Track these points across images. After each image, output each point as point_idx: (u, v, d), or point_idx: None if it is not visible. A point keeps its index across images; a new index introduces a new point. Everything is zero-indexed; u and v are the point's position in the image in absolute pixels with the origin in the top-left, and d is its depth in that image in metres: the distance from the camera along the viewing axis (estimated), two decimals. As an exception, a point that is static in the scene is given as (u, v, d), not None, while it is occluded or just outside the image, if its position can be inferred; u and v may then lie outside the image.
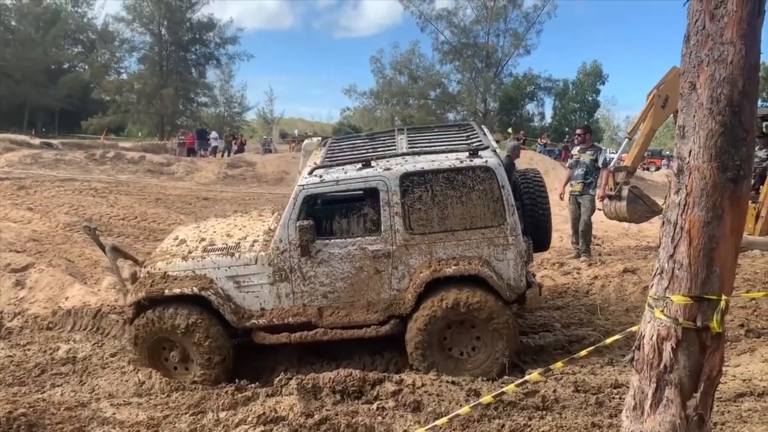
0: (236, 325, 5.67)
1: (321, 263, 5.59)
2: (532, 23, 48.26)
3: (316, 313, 5.66)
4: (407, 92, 51.15)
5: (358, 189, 5.61)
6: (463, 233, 5.46)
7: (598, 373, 5.36)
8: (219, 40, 50.22)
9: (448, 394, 4.84)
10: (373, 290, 5.62)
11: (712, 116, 2.06)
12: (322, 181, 5.59)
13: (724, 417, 4.22)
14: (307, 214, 5.55)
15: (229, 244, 5.91)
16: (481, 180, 5.39)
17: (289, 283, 5.66)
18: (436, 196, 5.45)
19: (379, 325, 5.60)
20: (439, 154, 5.64)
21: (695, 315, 2.14)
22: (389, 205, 5.49)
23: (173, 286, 5.66)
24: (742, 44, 2.04)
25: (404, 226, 5.49)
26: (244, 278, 5.70)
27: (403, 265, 5.54)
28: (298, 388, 4.91)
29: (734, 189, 2.08)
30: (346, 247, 5.57)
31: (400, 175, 5.47)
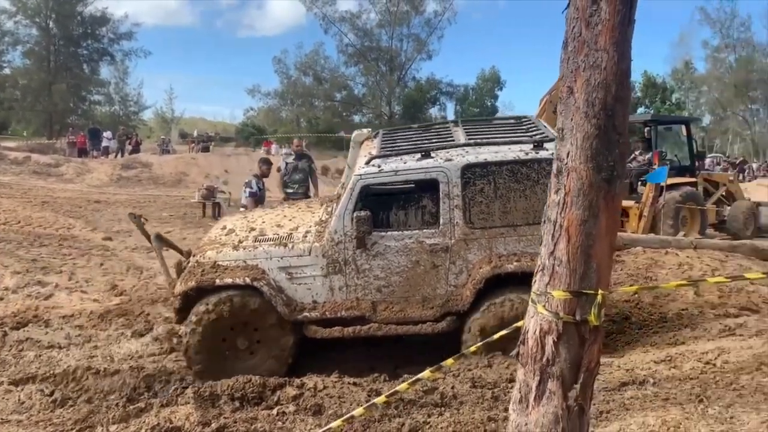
0: (288, 317, 5.50)
1: (376, 256, 5.44)
2: (434, 29, 49.50)
3: (370, 307, 5.51)
4: (312, 93, 50.94)
5: (418, 180, 5.51)
6: (525, 228, 5.28)
7: (494, 367, 5.52)
8: (113, 36, 48.00)
9: (349, 396, 4.83)
10: (429, 285, 5.47)
11: (587, 119, 2.17)
12: (381, 171, 5.44)
13: (609, 405, 4.44)
14: (363, 205, 5.40)
15: (281, 235, 5.73)
16: (547, 173, 5.10)
17: (343, 275, 5.51)
18: (499, 189, 5.29)
19: (435, 322, 5.45)
20: (501, 146, 5.46)
21: (574, 309, 2.24)
22: (449, 197, 5.34)
23: (224, 275, 5.49)
24: (614, 51, 2.16)
25: (464, 219, 5.35)
26: (296, 269, 5.56)
27: (461, 260, 5.38)
28: (195, 397, 4.75)
29: (608, 189, 2.20)
30: (403, 240, 5.43)
31: (462, 167, 5.31)
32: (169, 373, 5.87)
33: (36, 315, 7.33)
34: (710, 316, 6.63)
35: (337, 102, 51.79)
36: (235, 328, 5.58)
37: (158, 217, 15.15)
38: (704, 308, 6.89)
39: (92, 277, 9.13)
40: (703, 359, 5.18)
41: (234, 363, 5.60)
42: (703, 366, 5.07)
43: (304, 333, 5.66)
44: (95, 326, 7.17)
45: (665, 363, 5.21)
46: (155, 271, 9.51)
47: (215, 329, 5.50)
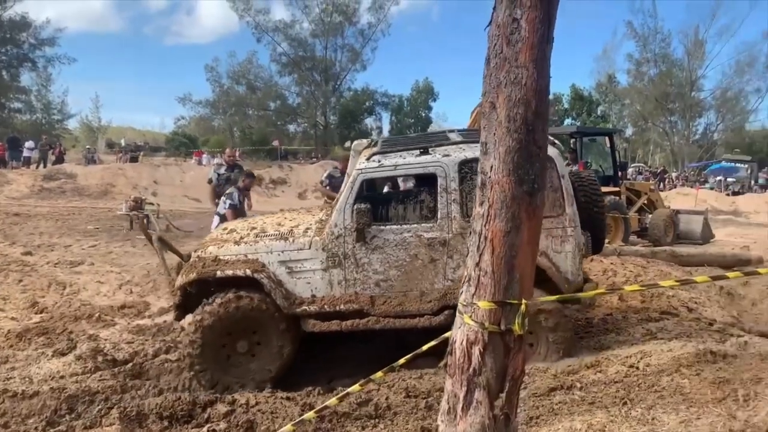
0: (287, 311, 5.50)
1: (375, 250, 5.50)
2: (368, 39, 49.78)
3: (369, 301, 5.53)
4: (245, 102, 50.20)
5: (417, 175, 5.66)
6: None
7: (428, 377, 5.56)
8: (34, 41, 45.91)
9: (282, 411, 4.75)
10: (428, 279, 5.51)
11: (509, 134, 2.23)
12: (381, 165, 5.56)
13: (538, 411, 4.54)
14: (364, 199, 5.49)
15: (282, 231, 5.81)
16: None
17: (342, 269, 5.56)
18: None
19: (433, 316, 5.46)
20: None
21: (500, 319, 2.28)
22: (447, 191, 5.43)
23: (225, 268, 5.54)
24: (534, 68, 2.23)
25: (461, 213, 5.42)
26: (296, 263, 5.61)
27: (458, 254, 5.41)
28: (121, 417, 4.57)
29: (530, 201, 2.26)
30: (402, 233, 5.51)
31: (459, 162, 5.42)
32: (93, 393, 5.61)
33: (-51, 335, 6.89)
34: (633, 320, 6.88)
35: (270, 111, 51.25)
36: (235, 330, 5.58)
37: (83, 230, 14.56)
38: (628, 313, 7.16)
39: (10, 294, 8.67)
40: (627, 363, 5.36)
41: (234, 365, 5.61)
42: (627, 369, 5.24)
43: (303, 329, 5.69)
44: (12, 346, 6.80)
45: (592, 368, 5.37)
46: (79, 286, 9.13)
47: (216, 330, 5.50)
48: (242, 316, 5.50)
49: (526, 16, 2.19)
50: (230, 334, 5.59)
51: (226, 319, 5.48)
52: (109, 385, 5.63)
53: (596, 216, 6.00)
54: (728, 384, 4.50)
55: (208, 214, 19.33)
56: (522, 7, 2.18)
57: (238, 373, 5.61)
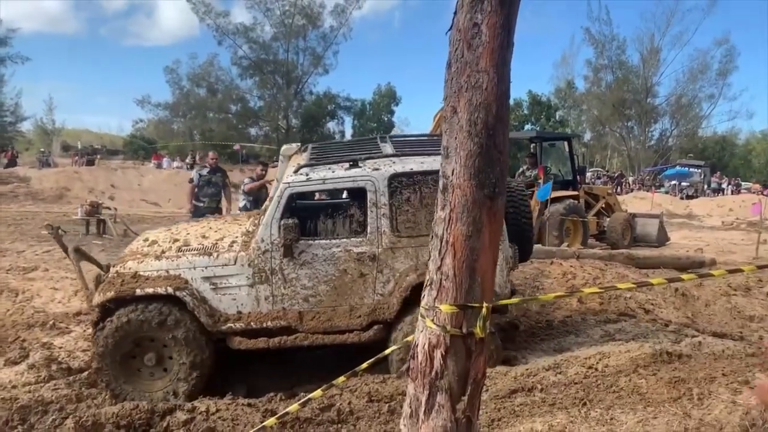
0: (211, 328, 5.38)
1: (303, 265, 5.40)
2: (330, 43, 49.72)
3: (297, 317, 5.44)
4: (206, 105, 49.55)
5: (345, 188, 5.48)
6: None
7: (390, 381, 5.56)
8: (-15, 41, 44.61)
9: (243, 417, 4.69)
10: (357, 294, 5.44)
11: (470, 138, 2.24)
12: (309, 179, 5.44)
13: (500, 413, 4.58)
14: (291, 213, 5.38)
15: (206, 245, 5.62)
16: None
17: (270, 285, 5.43)
18: (425, 198, 5.34)
19: (362, 331, 5.42)
20: (428, 156, 5.52)
21: (461, 322, 2.29)
22: (376, 206, 5.37)
23: (145, 285, 5.35)
24: (494, 73, 2.24)
25: (391, 228, 5.38)
26: (221, 279, 5.44)
27: (388, 269, 5.40)
28: (76, 427, 4.45)
29: (491, 205, 2.28)
30: (330, 248, 5.42)
31: (389, 176, 5.37)
32: (47, 403, 5.44)
33: None
34: (592, 322, 7.02)
35: (231, 115, 50.71)
36: (143, 343, 5.43)
37: (36, 235, 14.15)
38: (587, 315, 7.30)
39: (-41, 303, 8.36)
40: (587, 364, 5.46)
41: (144, 380, 5.48)
42: (587, 371, 5.34)
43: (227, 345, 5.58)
44: (-38, 356, 6.56)
45: (552, 369, 5.44)
46: (33, 293, 8.86)
47: (122, 344, 5.36)
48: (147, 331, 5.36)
49: (487, 20, 2.21)
50: (138, 347, 5.45)
51: (132, 333, 5.34)
52: (64, 394, 5.50)
53: (524, 226, 6.02)
54: (683, 383, 4.62)
55: (167, 218, 19.02)
56: (483, 12, 2.19)
57: (147, 387, 5.49)
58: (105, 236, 14.65)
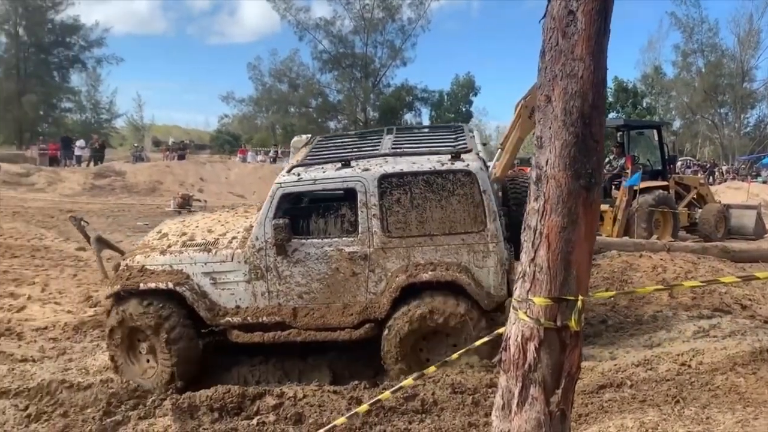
0: (210, 322, 5.61)
1: (297, 263, 5.49)
2: (408, 35, 49.65)
3: (291, 313, 5.54)
4: (288, 100, 50.71)
5: (336, 189, 5.53)
6: (442, 238, 5.33)
7: (474, 373, 5.54)
8: (84, 43, 47.30)
9: (329, 404, 4.81)
10: (350, 292, 5.50)
11: (565, 127, 2.20)
12: (300, 179, 5.51)
13: (588, 408, 4.50)
14: (284, 213, 5.47)
15: (208, 240, 5.81)
16: (462, 184, 5.26)
17: (265, 282, 5.55)
18: (415, 199, 5.33)
19: (354, 329, 5.47)
20: (420, 156, 5.53)
21: (555, 315, 2.26)
22: (367, 206, 5.38)
23: (149, 280, 5.58)
24: (591, 60, 2.19)
25: (382, 228, 5.38)
26: (220, 275, 5.62)
27: (379, 268, 5.42)
28: (173, 408, 4.70)
29: (587, 196, 2.23)
30: (323, 247, 5.48)
31: (379, 177, 5.36)
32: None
33: (8, 328, 7.17)
34: (684, 317, 6.74)
35: (311, 109, 51.66)
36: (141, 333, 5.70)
37: (132, 226, 14.96)
38: (678, 310, 7.01)
39: (66, 288, 8.96)
40: (679, 361, 5.27)
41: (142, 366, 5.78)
42: (679, 367, 5.15)
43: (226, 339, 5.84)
44: (69, 338, 7.05)
45: (642, 365, 5.28)
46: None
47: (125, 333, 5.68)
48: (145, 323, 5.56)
49: (583, 7, 2.16)
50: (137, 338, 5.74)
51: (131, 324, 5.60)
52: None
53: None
54: (788, 384, 4.37)
55: (252, 210, 19.59)
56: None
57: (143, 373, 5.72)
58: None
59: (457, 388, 5.02)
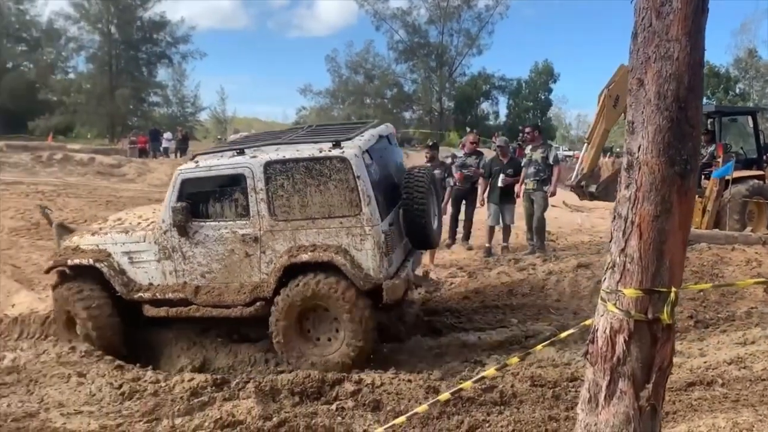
0: (125, 296, 6.14)
1: (198, 244, 5.92)
2: (485, 23, 48.93)
3: (194, 291, 5.99)
4: (363, 91, 51.17)
5: (230, 175, 5.86)
6: (322, 221, 5.64)
7: (554, 367, 5.43)
8: (170, 39, 49.22)
9: (407, 393, 4.84)
10: (245, 273, 5.88)
11: (659, 112, 2.10)
12: (197, 166, 5.96)
13: (676, 406, 4.33)
14: (186, 197, 5.86)
15: (130, 223, 6.46)
16: (338, 170, 5.52)
17: (172, 261, 6.04)
18: (297, 184, 5.63)
19: (246, 306, 6.01)
20: (304, 144, 5.87)
21: (646, 307, 2.18)
22: (255, 191, 5.71)
23: (75, 256, 6.24)
24: (687, 41, 2.09)
25: (269, 212, 5.71)
26: (136, 254, 6.16)
27: (270, 250, 5.77)
28: (256, 391, 4.85)
29: (682, 183, 2.13)
30: (220, 230, 5.88)
31: (264, 163, 5.68)
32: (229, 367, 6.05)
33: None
34: (782, 314, 6.35)
35: (386, 99, 51.86)
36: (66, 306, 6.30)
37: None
38: (775, 306, 6.61)
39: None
40: (777, 360, 4.97)
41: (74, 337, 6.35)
42: (777, 367, 4.86)
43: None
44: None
45: (735, 363, 5.02)
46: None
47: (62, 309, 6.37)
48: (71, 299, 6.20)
49: (679, -15, 2.05)
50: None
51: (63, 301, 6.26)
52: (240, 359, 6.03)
53: (415, 213, 5.96)
54: None
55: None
56: (673, -23, 2.04)
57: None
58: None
59: (537, 381, 4.94)
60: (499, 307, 7.31)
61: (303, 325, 5.78)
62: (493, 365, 5.47)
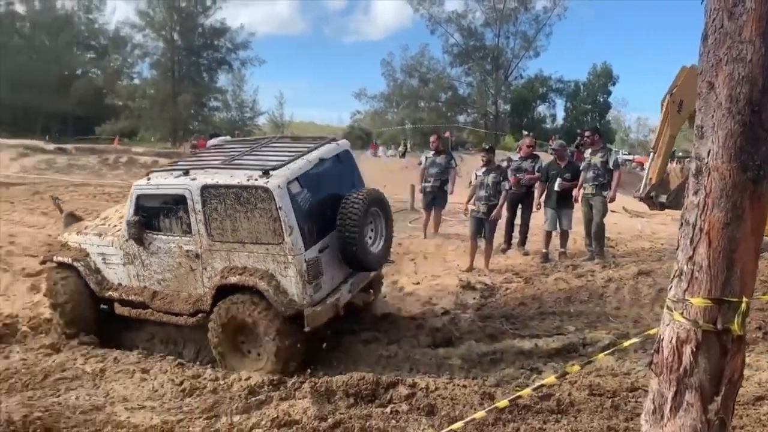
0: (98, 293, 6.66)
1: (153, 254, 6.33)
2: (542, 25, 48.22)
3: (151, 295, 6.41)
4: (418, 95, 51.16)
5: (174, 194, 6.13)
6: (251, 246, 5.82)
7: (613, 376, 5.30)
8: (230, 46, 50.39)
9: (462, 398, 4.80)
10: (191, 285, 6.22)
11: (731, 116, 2.03)
12: (149, 183, 6.32)
13: (743, 421, 4.16)
14: (141, 211, 6.28)
15: (110, 225, 6.92)
16: (262, 199, 5.65)
17: (135, 266, 6.51)
18: (228, 209, 5.84)
19: (190, 316, 6.29)
20: (237, 170, 5.98)
21: (715, 317, 2.10)
22: (194, 212, 5.99)
23: (59, 254, 6.88)
24: (761, 42, 2.01)
25: (207, 232, 5.98)
26: (108, 256, 6.67)
27: (210, 267, 6.06)
28: (312, 392, 4.89)
29: (755, 189, 2.05)
30: (169, 243, 6.22)
31: (201, 187, 5.92)
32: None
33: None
34: None
35: (441, 103, 51.70)
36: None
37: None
38: None
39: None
40: None
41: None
42: None
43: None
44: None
45: (808, 378, 4.79)
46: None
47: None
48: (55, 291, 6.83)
49: (753, -15, 1.98)
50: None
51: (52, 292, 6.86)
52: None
53: (345, 240, 6.01)
54: None
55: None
56: (747, -24, 1.97)
57: None
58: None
59: (596, 390, 4.83)
60: (556, 313, 7.18)
61: (238, 339, 5.99)
62: (550, 373, 5.40)
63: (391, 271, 10.00)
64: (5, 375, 5.67)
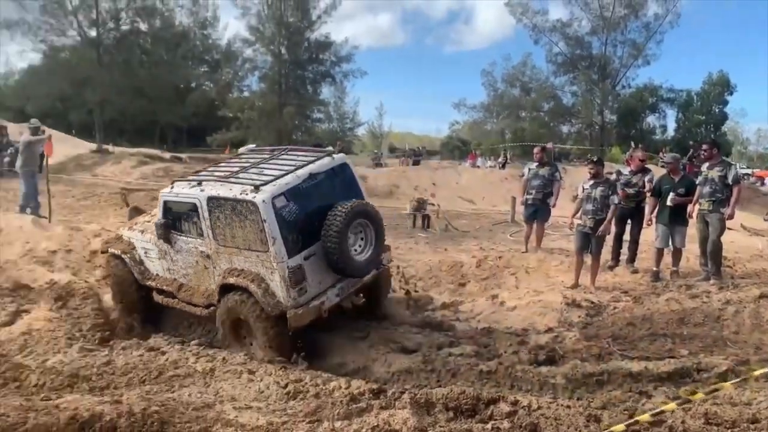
0: (141, 281, 7.78)
1: (178, 252, 7.32)
2: (653, 33, 46.03)
3: (178, 287, 7.39)
4: (519, 105, 50.26)
5: (188, 202, 6.99)
6: (246, 252, 6.59)
7: (732, 405, 4.95)
8: (334, 59, 51.66)
9: (566, 419, 4.64)
10: (206, 281, 7.13)
11: None
12: (171, 191, 7.30)
13: None
14: (168, 215, 7.26)
15: (147, 225, 7.90)
16: (251, 212, 6.38)
17: (166, 261, 7.53)
18: (228, 218, 6.63)
19: (204, 309, 7.12)
20: (236, 184, 6.69)
21: None
22: (203, 219, 6.85)
23: (113, 245, 8.12)
24: None
25: (213, 237, 6.83)
26: (148, 251, 7.78)
27: (217, 267, 6.92)
28: (411, 403, 4.89)
29: None
30: (188, 244, 7.16)
31: (207, 198, 6.76)
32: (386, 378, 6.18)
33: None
34: None
35: (543, 113, 50.50)
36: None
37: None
38: None
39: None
40: None
41: None
42: None
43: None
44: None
45: None
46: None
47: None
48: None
49: None
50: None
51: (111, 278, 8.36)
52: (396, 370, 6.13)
53: (328, 249, 6.55)
54: None
55: (482, 215, 19.82)
56: None
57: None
58: (429, 230, 15.86)
59: (712, 419, 4.52)
60: (668, 336, 6.82)
61: (237, 329, 6.87)
62: (661, 398, 5.14)
63: (491, 285, 9.90)
64: (125, 369, 6.06)
